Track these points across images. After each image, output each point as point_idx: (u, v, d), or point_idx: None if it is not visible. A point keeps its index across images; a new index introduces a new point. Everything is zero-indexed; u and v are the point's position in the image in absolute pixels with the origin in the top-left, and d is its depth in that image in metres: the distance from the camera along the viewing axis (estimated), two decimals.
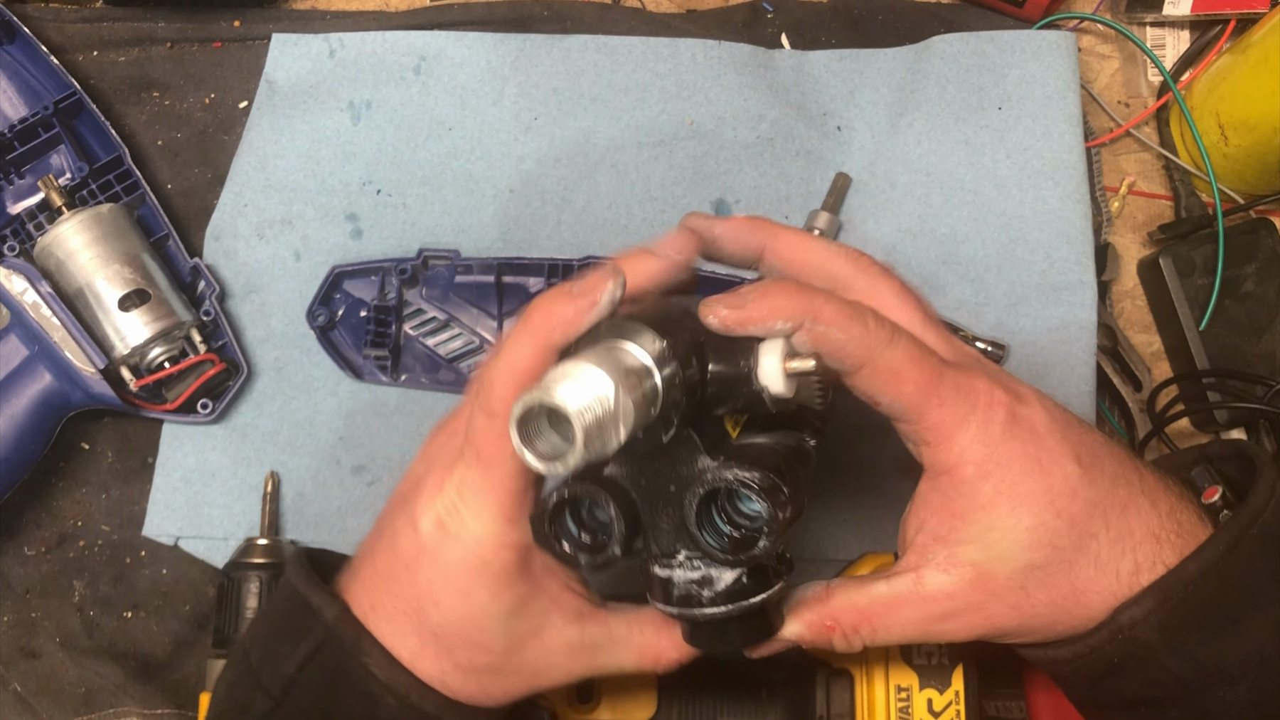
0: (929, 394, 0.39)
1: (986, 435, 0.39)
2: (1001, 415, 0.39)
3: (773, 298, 0.38)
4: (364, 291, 0.68)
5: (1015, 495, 0.39)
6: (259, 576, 0.61)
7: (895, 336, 0.39)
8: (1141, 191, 0.74)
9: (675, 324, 0.38)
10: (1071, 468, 0.39)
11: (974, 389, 0.40)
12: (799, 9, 0.74)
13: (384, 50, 0.71)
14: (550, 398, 0.32)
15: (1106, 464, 0.41)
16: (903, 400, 0.39)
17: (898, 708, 0.51)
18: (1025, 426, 0.40)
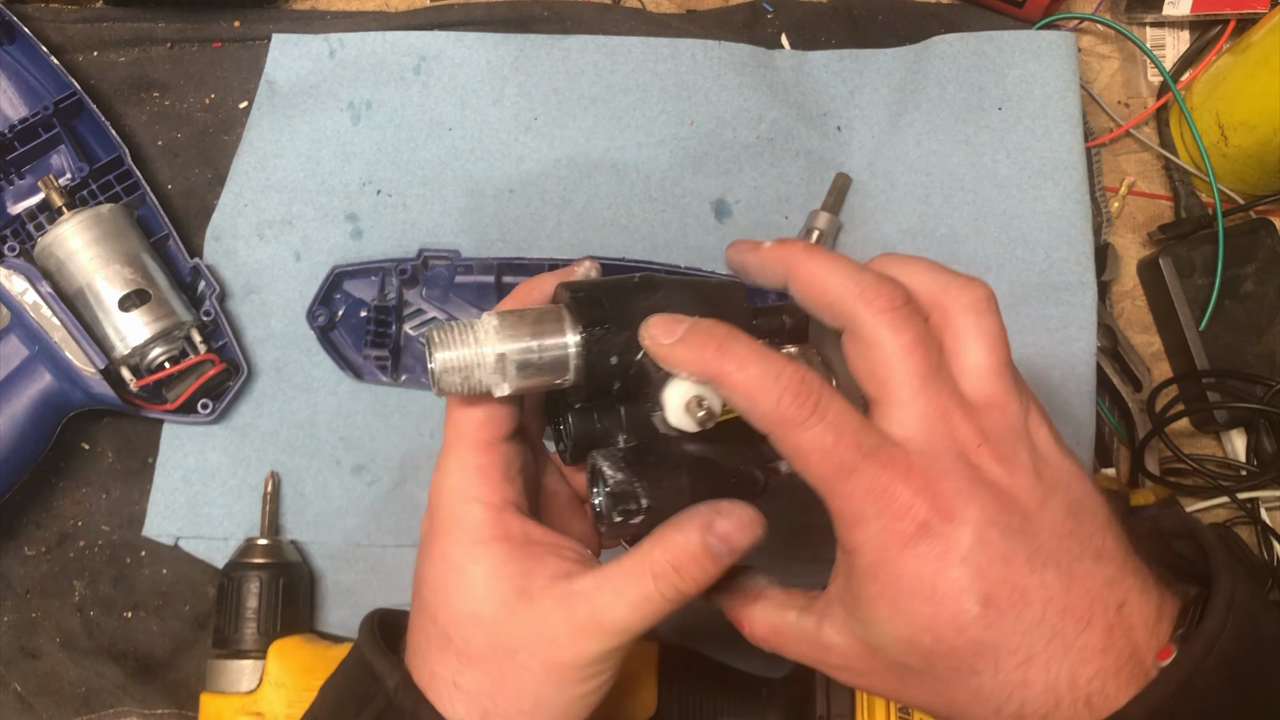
0: (834, 483, 0.37)
1: (884, 544, 0.37)
2: (909, 531, 0.36)
3: (690, 346, 0.39)
4: (364, 292, 0.68)
5: (897, 608, 0.37)
6: (259, 576, 0.61)
7: (810, 420, 0.37)
8: (1141, 192, 0.74)
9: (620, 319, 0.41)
10: (970, 606, 0.36)
11: (889, 495, 0.37)
12: (799, 9, 0.74)
13: (384, 50, 0.71)
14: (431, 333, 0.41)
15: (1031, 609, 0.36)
16: (808, 478, 0.38)
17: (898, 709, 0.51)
18: (935, 550, 0.36)
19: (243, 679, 0.59)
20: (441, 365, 0.40)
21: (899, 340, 0.38)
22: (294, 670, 0.59)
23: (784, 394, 0.37)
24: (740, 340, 0.39)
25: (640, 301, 0.42)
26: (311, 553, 0.66)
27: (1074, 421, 0.65)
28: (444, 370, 0.40)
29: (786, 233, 0.69)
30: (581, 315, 0.41)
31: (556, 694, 0.41)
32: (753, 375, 0.38)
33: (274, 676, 0.58)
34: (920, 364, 0.38)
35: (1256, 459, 0.68)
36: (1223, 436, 0.70)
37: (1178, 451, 0.65)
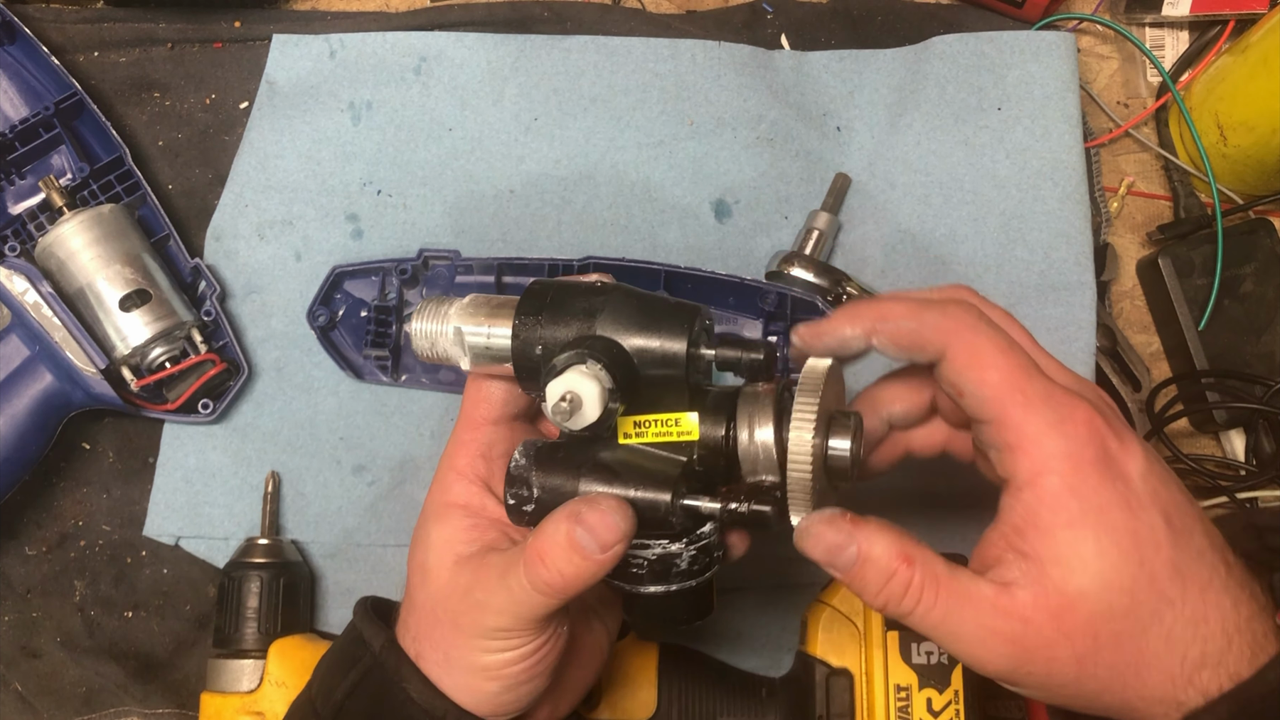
0: (1014, 389, 0.37)
1: (1074, 452, 0.37)
2: (1095, 443, 0.37)
3: (844, 310, 0.42)
4: (364, 292, 0.68)
5: (1101, 524, 0.36)
6: (260, 576, 0.61)
7: (981, 323, 0.38)
8: (1140, 192, 0.74)
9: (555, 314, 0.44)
10: (1159, 522, 0.37)
11: (1069, 404, 0.37)
12: (799, 9, 0.74)
13: (384, 51, 0.71)
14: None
15: (1196, 536, 0.38)
16: (986, 390, 0.38)
17: (897, 707, 0.51)
18: (1117, 464, 0.37)
19: (243, 678, 0.59)
20: (414, 331, 0.47)
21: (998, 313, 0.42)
22: (294, 670, 0.59)
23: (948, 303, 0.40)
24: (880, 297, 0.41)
25: (579, 302, 0.43)
26: (312, 553, 0.66)
27: None
28: (415, 335, 0.47)
29: (786, 233, 0.69)
30: (521, 306, 0.44)
31: (462, 656, 0.43)
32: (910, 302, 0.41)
33: (274, 676, 0.59)
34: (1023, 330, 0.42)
35: (1255, 459, 0.68)
36: (1222, 436, 0.70)
37: (1177, 451, 0.66)
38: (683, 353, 0.42)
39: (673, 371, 0.42)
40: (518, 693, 0.44)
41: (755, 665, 0.61)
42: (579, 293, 0.44)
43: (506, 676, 0.43)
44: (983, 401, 0.38)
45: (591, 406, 0.40)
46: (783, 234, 0.69)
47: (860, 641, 0.53)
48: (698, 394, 0.44)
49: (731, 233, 0.69)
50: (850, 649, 0.53)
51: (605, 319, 0.43)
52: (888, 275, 0.68)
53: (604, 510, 0.40)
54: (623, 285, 0.45)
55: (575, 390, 0.40)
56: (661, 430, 0.44)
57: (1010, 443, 0.38)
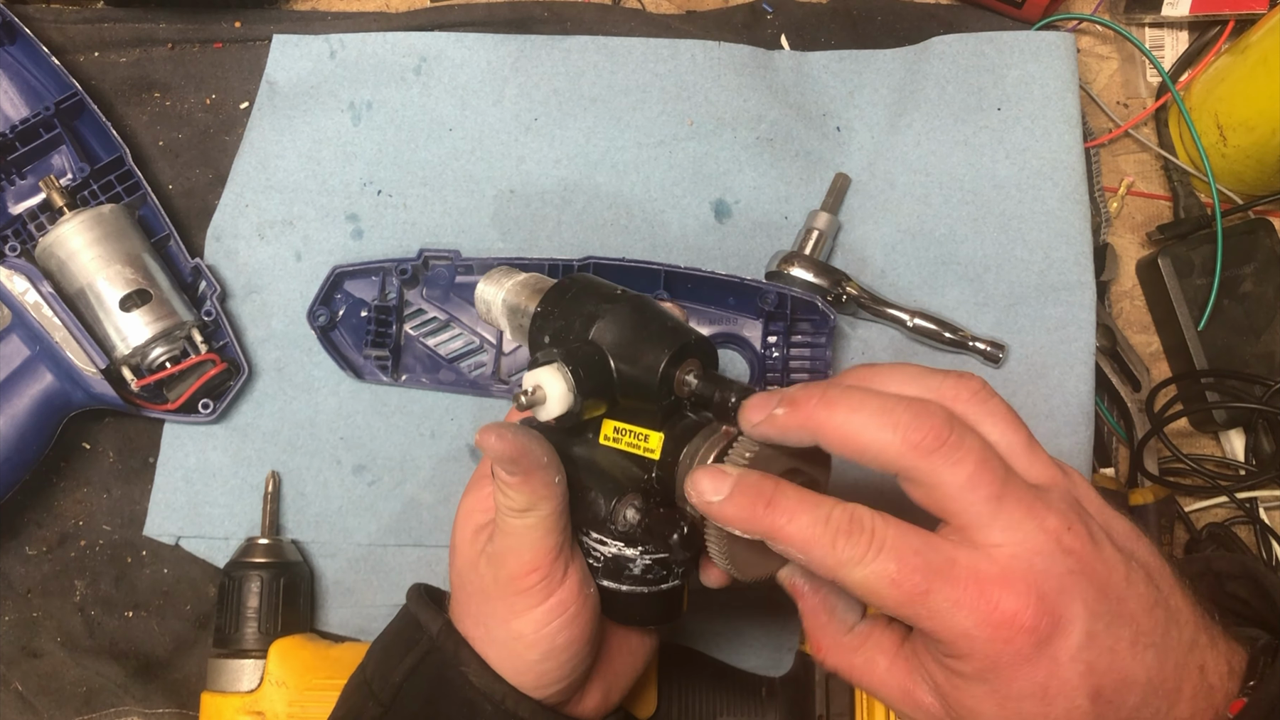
0: (914, 608, 0.36)
1: (994, 653, 0.36)
2: (1020, 640, 0.35)
3: (738, 504, 0.39)
4: (365, 292, 0.68)
5: (1005, 708, 0.37)
6: (260, 576, 0.61)
7: (868, 555, 0.36)
8: (1140, 192, 0.74)
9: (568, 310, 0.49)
10: (1080, 702, 0.36)
11: (989, 605, 0.35)
12: (798, 10, 0.74)
13: (384, 51, 0.71)
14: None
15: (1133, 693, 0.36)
16: (889, 611, 0.37)
17: None
18: (1047, 654, 0.36)
19: (243, 678, 0.59)
20: (478, 292, 0.54)
21: (962, 474, 0.36)
22: (295, 669, 0.59)
23: (837, 536, 0.37)
24: (786, 492, 0.39)
25: (588, 305, 0.47)
26: (312, 552, 0.66)
27: (1073, 421, 0.65)
28: (478, 297, 0.54)
29: (786, 233, 0.69)
30: (546, 296, 0.50)
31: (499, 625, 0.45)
32: (803, 525, 0.38)
33: (275, 676, 0.59)
34: (990, 484, 0.36)
35: (1255, 459, 0.69)
36: (1221, 436, 0.70)
37: (1176, 451, 0.66)
38: (653, 381, 0.44)
39: (648, 390, 0.45)
40: (559, 659, 0.45)
41: (755, 665, 0.61)
42: (594, 296, 0.48)
43: (543, 640, 0.44)
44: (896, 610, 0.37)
45: (554, 403, 0.44)
46: (783, 234, 0.69)
47: None
48: (674, 416, 0.46)
49: (731, 233, 0.69)
50: None
51: (601, 327, 0.46)
52: (888, 275, 0.68)
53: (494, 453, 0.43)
54: (636, 299, 0.47)
55: (543, 385, 0.44)
56: (633, 442, 0.46)
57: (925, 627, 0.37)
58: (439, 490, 0.66)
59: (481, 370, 0.67)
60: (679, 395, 0.45)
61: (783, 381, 0.65)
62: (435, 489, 0.66)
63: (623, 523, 0.44)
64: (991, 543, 0.36)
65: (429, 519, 0.66)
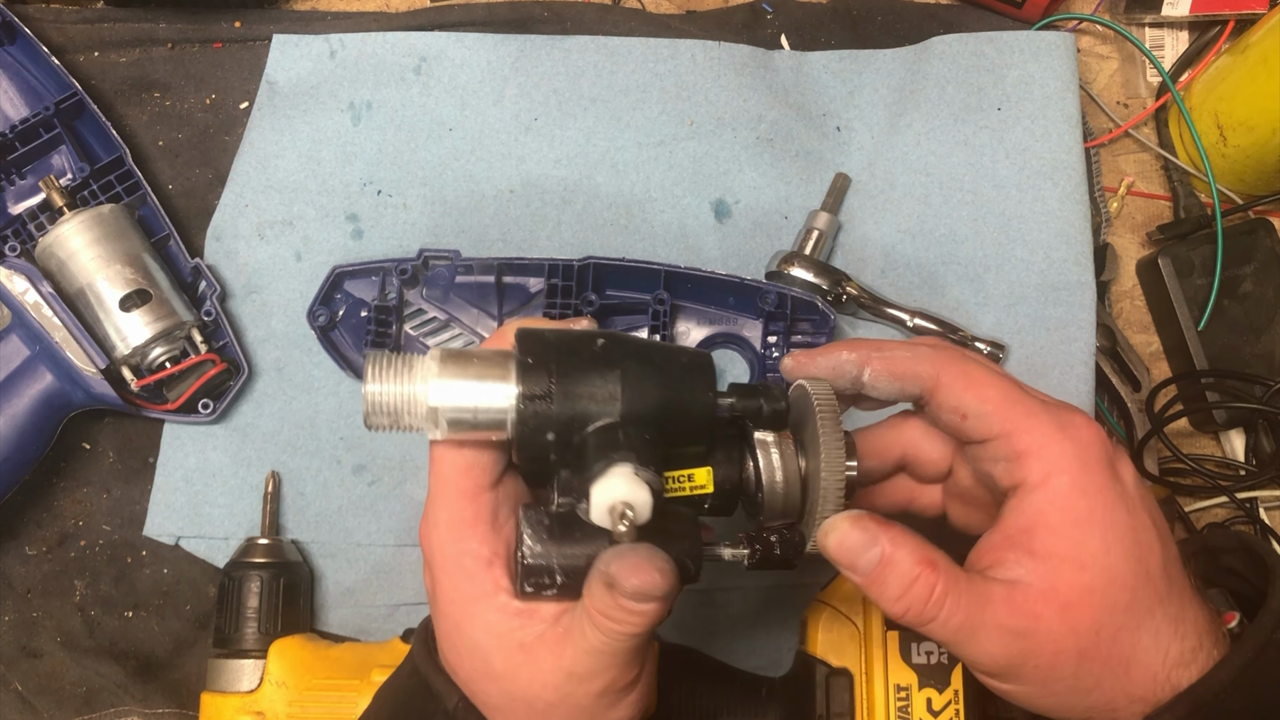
0: (1015, 402, 0.39)
1: (1081, 454, 0.39)
2: (1098, 445, 0.39)
3: (837, 344, 0.43)
4: (365, 292, 0.68)
5: (1107, 522, 0.38)
6: (260, 576, 0.61)
7: (967, 355, 0.40)
8: (1140, 192, 0.74)
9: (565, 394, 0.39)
10: (1150, 524, 0.39)
11: (1068, 412, 0.40)
12: (799, 10, 0.74)
13: (384, 51, 0.71)
14: None
15: (1172, 543, 0.40)
16: (988, 405, 0.39)
17: (897, 707, 0.51)
18: (1116, 467, 0.39)
19: (243, 678, 0.59)
20: (370, 402, 0.38)
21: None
22: (294, 670, 0.59)
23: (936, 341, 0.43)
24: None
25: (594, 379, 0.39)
26: (312, 552, 0.66)
27: None
28: (372, 408, 0.38)
29: (786, 233, 0.69)
30: (523, 381, 0.39)
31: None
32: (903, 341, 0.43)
33: (274, 676, 0.59)
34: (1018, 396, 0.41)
35: (1255, 459, 0.69)
36: (1221, 436, 0.70)
37: (1177, 451, 0.66)
38: (709, 413, 0.40)
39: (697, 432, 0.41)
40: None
41: (755, 665, 0.61)
42: (585, 359, 0.39)
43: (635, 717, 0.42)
44: (987, 417, 0.39)
45: (645, 513, 0.37)
46: (783, 234, 0.69)
47: (860, 641, 0.53)
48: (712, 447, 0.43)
49: (731, 233, 0.69)
50: (850, 648, 0.53)
51: (629, 394, 0.39)
52: (888, 275, 0.68)
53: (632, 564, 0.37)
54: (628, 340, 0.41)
55: (631, 502, 0.37)
56: (674, 487, 0.42)
57: (1019, 450, 0.39)
58: None
59: None
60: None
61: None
62: None
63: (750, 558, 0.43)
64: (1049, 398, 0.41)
65: None
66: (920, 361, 0.42)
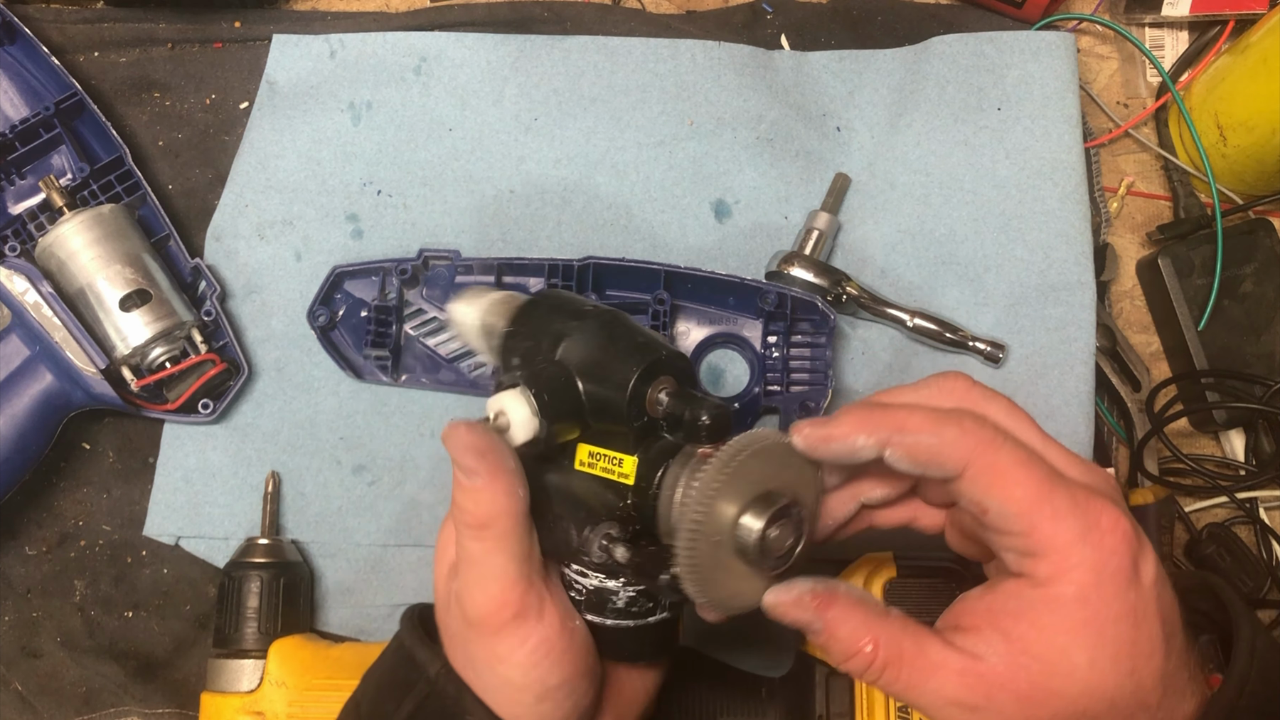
0: (1041, 503, 0.36)
1: (1100, 562, 0.36)
2: (1121, 551, 0.36)
3: (854, 415, 0.39)
4: (365, 292, 0.68)
5: (1102, 636, 0.36)
6: (260, 576, 0.61)
7: (999, 437, 0.37)
8: (1140, 192, 0.74)
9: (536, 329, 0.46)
10: (1158, 631, 0.37)
11: (1096, 510, 0.37)
12: (799, 10, 0.74)
13: (384, 51, 0.71)
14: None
15: (1176, 639, 0.38)
16: (1011, 506, 0.37)
17: (897, 707, 0.51)
18: (1137, 571, 0.37)
19: (243, 678, 0.59)
20: (450, 313, 0.51)
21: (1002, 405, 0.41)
22: (294, 670, 0.59)
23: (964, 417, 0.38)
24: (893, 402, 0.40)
25: (556, 323, 0.45)
26: (312, 552, 0.66)
27: (1073, 421, 0.65)
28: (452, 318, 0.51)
29: (786, 233, 0.69)
30: (515, 317, 0.47)
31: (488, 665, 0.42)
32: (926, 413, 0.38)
33: (274, 676, 0.59)
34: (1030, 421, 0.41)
35: (1255, 459, 0.69)
36: (1221, 436, 0.70)
37: (1176, 451, 0.66)
38: (623, 401, 0.42)
39: (616, 410, 0.42)
40: (556, 700, 0.42)
41: (755, 665, 0.61)
42: (563, 313, 0.45)
43: (534, 683, 0.41)
44: (1009, 518, 0.37)
45: (518, 429, 0.42)
46: (783, 234, 0.69)
47: None
48: (648, 438, 0.43)
49: (731, 233, 0.69)
50: None
51: (568, 346, 0.44)
52: (888, 275, 0.68)
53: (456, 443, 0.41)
54: (606, 314, 0.45)
55: (506, 411, 0.42)
56: (608, 467, 0.43)
57: (1033, 549, 0.37)
58: (439, 490, 0.66)
59: (481, 370, 0.67)
60: (652, 416, 0.42)
61: (783, 382, 0.65)
62: (435, 489, 0.66)
63: (598, 554, 0.42)
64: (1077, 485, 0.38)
65: (429, 519, 0.66)
66: (947, 448, 0.38)
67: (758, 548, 0.39)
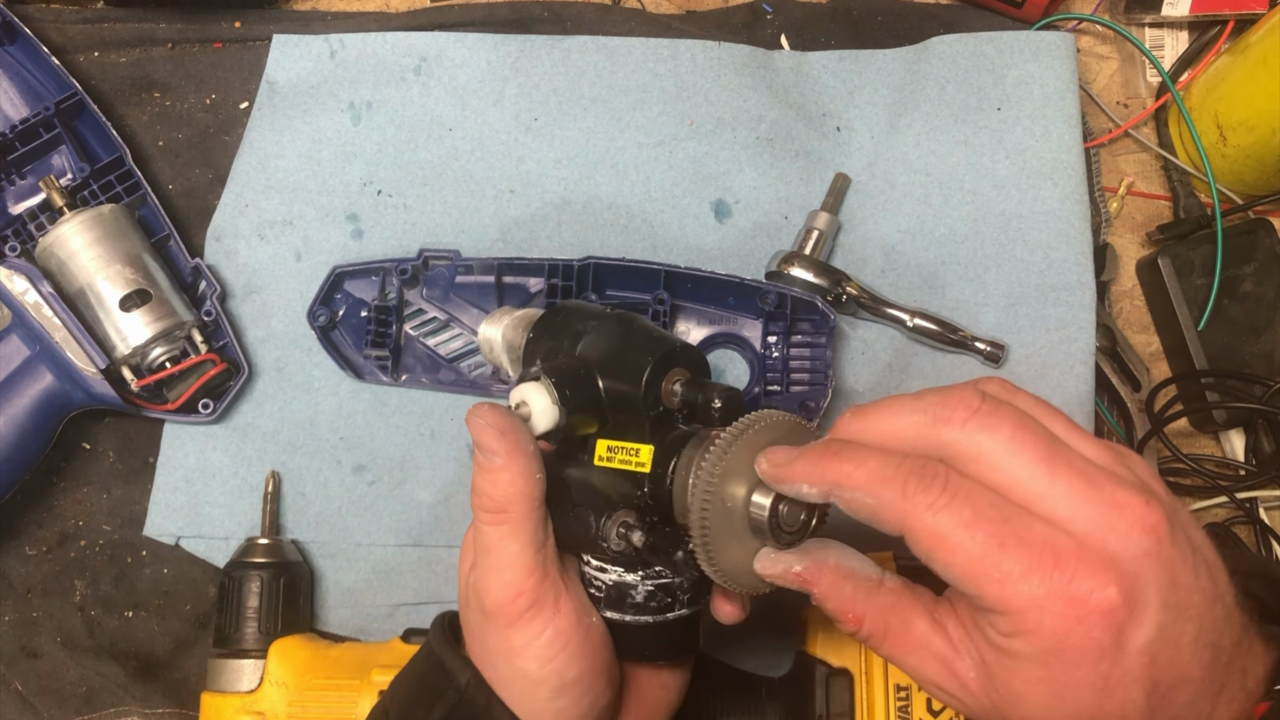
0: (987, 568, 0.34)
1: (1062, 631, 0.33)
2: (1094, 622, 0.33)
3: (809, 459, 0.38)
4: (365, 292, 0.68)
5: (1061, 700, 0.35)
6: (260, 576, 0.61)
7: (942, 498, 0.35)
8: (1140, 192, 0.74)
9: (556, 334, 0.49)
10: (1137, 696, 0.34)
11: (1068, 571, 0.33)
12: (798, 10, 0.74)
13: (384, 51, 0.71)
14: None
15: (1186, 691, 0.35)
16: (954, 571, 0.35)
17: (897, 707, 0.51)
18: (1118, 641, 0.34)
19: (243, 678, 0.59)
20: (480, 336, 0.58)
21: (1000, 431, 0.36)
22: (295, 669, 0.59)
23: (909, 479, 0.35)
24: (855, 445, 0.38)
25: (575, 325, 0.48)
26: (312, 552, 0.66)
27: None
28: (481, 340, 0.58)
29: (786, 233, 0.69)
30: (536, 326, 0.50)
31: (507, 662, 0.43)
32: (874, 468, 0.36)
33: (275, 676, 0.59)
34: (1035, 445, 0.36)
35: (1255, 459, 0.69)
36: (1221, 436, 0.70)
37: (1176, 451, 0.66)
38: (638, 391, 0.43)
39: (632, 403, 0.44)
40: (572, 696, 0.43)
41: (755, 665, 0.61)
42: (581, 317, 0.48)
43: (550, 676, 0.42)
44: (955, 580, 0.35)
45: (539, 417, 0.43)
46: (783, 234, 0.69)
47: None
48: (664, 428, 0.44)
49: (731, 233, 0.69)
50: (850, 649, 0.53)
51: (587, 343, 0.46)
52: (888, 275, 0.68)
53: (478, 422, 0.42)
54: (622, 315, 0.47)
55: (528, 400, 0.43)
56: (625, 458, 0.44)
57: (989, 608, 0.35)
58: (439, 490, 0.66)
59: (481, 370, 0.67)
60: (668, 406, 0.44)
61: (783, 382, 0.65)
62: (435, 489, 0.66)
63: (616, 541, 0.42)
64: (1060, 516, 0.34)
65: (429, 519, 0.66)
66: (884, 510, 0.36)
67: (770, 523, 0.39)
